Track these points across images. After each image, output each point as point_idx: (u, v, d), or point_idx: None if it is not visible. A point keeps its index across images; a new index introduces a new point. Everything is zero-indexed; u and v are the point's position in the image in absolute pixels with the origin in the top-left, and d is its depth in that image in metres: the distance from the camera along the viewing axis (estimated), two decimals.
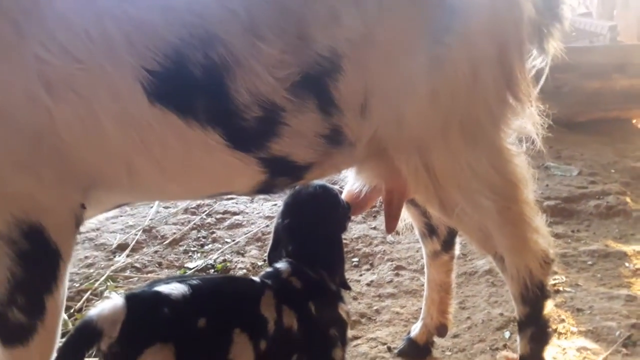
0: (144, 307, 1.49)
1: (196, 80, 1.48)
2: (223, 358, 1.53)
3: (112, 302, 1.48)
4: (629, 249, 3.34)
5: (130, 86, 1.46)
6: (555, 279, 2.96)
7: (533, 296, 1.86)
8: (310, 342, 1.70)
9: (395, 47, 1.61)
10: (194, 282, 1.58)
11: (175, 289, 1.52)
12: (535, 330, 1.95)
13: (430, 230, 2.33)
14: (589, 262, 3.22)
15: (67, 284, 1.59)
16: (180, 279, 1.59)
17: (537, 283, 1.85)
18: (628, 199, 4.04)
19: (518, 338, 2.02)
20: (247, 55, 1.49)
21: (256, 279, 1.76)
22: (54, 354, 1.56)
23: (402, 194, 1.94)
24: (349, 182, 2.05)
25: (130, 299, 1.49)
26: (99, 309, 1.46)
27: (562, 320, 2.62)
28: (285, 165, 1.67)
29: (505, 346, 2.46)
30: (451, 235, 2.35)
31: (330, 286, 1.79)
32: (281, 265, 1.78)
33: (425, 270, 2.43)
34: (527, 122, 1.85)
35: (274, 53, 1.51)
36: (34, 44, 1.40)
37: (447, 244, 2.35)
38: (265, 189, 1.77)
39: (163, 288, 1.53)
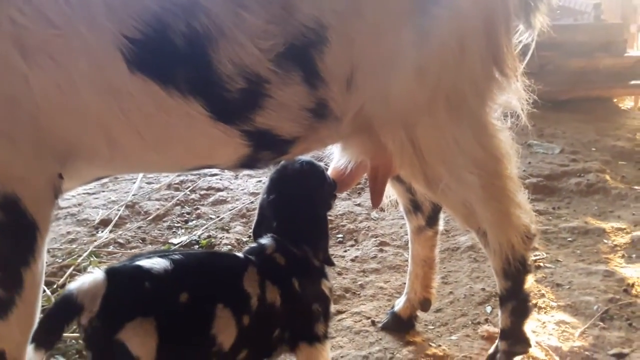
0: (124, 281, 1.48)
1: (178, 50, 1.45)
2: (206, 333, 1.53)
3: (93, 276, 1.46)
4: (607, 226, 3.41)
5: (109, 53, 1.43)
6: (536, 255, 3.02)
7: (515, 271, 1.89)
8: (292, 317, 1.71)
9: (382, 19, 1.58)
10: (176, 256, 1.57)
11: (156, 263, 1.51)
12: (516, 304, 1.99)
13: (415, 207, 2.34)
14: (569, 239, 3.29)
15: (45, 257, 1.56)
16: (162, 254, 1.58)
17: (519, 258, 1.88)
18: (608, 177, 4.11)
19: (499, 312, 2.06)
20: (230, 24, 1.47)
21: (240, 254, 1.76)
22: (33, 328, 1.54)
23: (387, 170, 1.94)
24: (335, 158, 2.05)
25: (111, 272, 1.48)
26: (79, 282, 1.45)
27: (542, 295, 2.67)
28: (269, 139, 1.65)
29: (486, 320, 2.50)
30: (435, 211, 2.37)
31: (314, 262, 1.80)
32: (265, 241, 1.78)
33: (410, 245, 2.45)
34: (512, 97, 1.85)
35: (259, 23, 1.48)
36: (9, 7, 1.36)
37: (432, 220, 2.37)
38: (249, 163, 1.75)
39: (144, 262, 1.52)
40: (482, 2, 1.67)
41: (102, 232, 3.27)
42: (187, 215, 3.55)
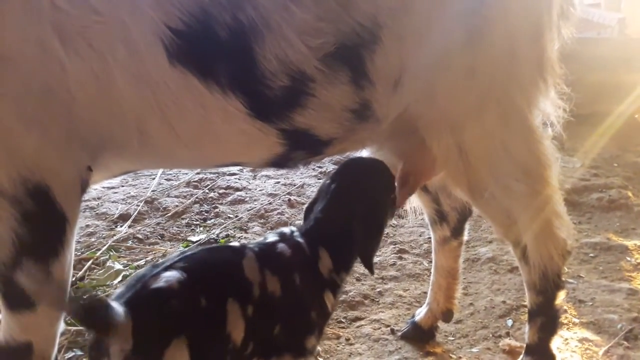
0: (148, 308, 1.35)
1: (221, 43, 1.41)
2: (222, 333, 1.43)
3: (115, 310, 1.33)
4: (630, 243, 3.35)
5: (150, 44, 1.39)
6: None
7: (552, 285, 1.85)
8: (291, 315, 1.58)
9: (432, 17, 1.54)
10: (181, 264, 1.43)
11: (170, 277, 1.38)
12: (545, 320, 1.95)
13: (440, 217, 2.31)
14: (591, 255, 3.24)
15: (73, 249, 1.54)
16: (165, 267, 1.43)
17: (556, 272, 1.84)
18: (630, 194, 4.05)
19: (527, 326, 2.02)
20: (278, 19, 1.42)
21: (235, 244, 1.65)
22: (62, 320, 1.52)
23: (420, 176, 1.89)
24: None
25: (132, 303, 1.34)
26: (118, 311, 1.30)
27: (565, 311, 2.62)
28: (306, 139, 1.60)
29: (508, 334, 2.47)
30: (461, 221, 2.34)
31: (320, 269, 1.63)
32: (272, 237, 1.66)
33: (433, 255, 2.42)
34: (549, 105, 1.83)
35: (309, 19, 1.43)
36: None
37: (457, 231, 2.34)
38: (279, 162, 1.70)
39: (159, 284, 1.38)
40: (530, 6, 1.64)
41: (121, 226, 3.27)
42: (206, 214, 3.54)
